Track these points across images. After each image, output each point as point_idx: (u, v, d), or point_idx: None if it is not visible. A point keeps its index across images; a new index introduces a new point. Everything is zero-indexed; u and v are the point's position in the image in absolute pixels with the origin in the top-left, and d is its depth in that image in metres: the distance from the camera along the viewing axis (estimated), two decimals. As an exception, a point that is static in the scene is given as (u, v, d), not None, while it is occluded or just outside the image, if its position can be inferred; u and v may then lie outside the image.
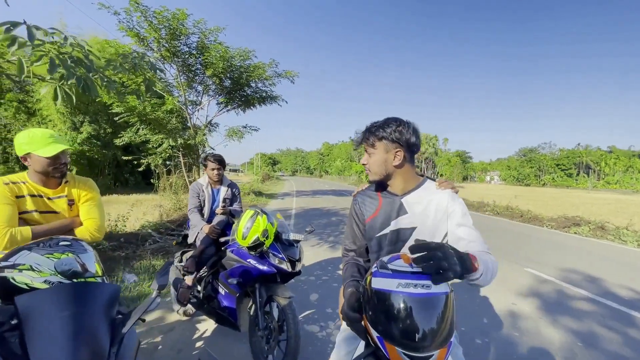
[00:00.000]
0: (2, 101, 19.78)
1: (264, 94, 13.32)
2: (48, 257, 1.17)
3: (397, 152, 1.24)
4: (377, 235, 1.32)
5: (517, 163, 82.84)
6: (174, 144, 12.00)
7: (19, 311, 0.99)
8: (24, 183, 1.63)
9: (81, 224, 1.75)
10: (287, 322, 2.10)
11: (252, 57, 12.01)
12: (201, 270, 2.83)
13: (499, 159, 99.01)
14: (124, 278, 3.84)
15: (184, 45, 10.96)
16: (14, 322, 1.00)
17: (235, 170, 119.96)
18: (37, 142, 1.58)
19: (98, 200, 1.84)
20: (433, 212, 1.24)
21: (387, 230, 1.30)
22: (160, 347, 2.60)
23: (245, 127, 13.64)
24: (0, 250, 1.47)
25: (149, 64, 3.87)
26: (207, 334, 2.81)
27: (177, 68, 11.64)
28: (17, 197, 1.58)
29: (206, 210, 2.94)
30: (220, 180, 3.02)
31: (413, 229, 1.26)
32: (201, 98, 13.45)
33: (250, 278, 2.32)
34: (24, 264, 1.12)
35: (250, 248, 2.26)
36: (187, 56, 11.31)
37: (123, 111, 11.26)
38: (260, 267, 2.28)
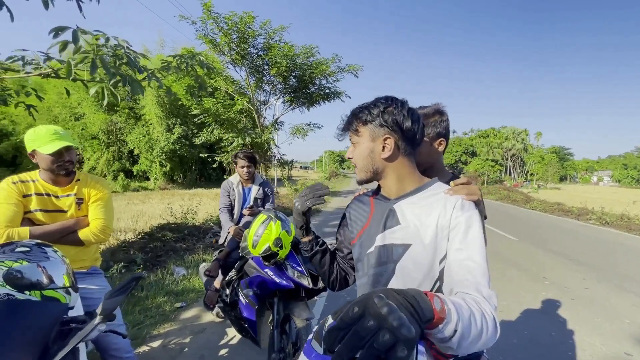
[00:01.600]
0: (117, 108, 23.65)
1: (327, 91, 13.20)
2: (-2, 265, 1.05)
3: (385, 139, 0.89)
4: (367, 252, 0.96)
5: (638, 160, 67.34)
6: (243, 142, 12.68)
7: None
8: (33, 181, 1.62)
9: (88, 225, 1.69)
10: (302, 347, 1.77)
11: (316, 54, 11.94)
12: (229, 274, 2.69)
13: (610, 156, 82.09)
14: (173, 271, 4.01)
15: (251, 47, 11.44)
16: None
17: (305, 168, 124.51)
18: (40, 139, 1.55)
19: (107, 201, 1.78)
20: (434, 226, 0.85)
21: (372, 248, 0.94)
22: (186, 349, 2.53)
23: (309, 125, 13.74)
24: None
25: (199, 62, 3.92)
26: (234, 341, 2.67)
27: (246, 70, 12.24)
28: (24, 196, 1.58)
29: (236, 210, 2.79)
30: (252, 179, 2.84)
31: (406, 246, 0.88)
32: (268, 97, 13.96)
33: (267, 290, 2.07)
34: (-29, 272, 1.02)
35: (264, 258, 1.99)
36: (254, 57, 11.80)
37: (200, 113, 12.33)
38: (277, 280, 2.00)
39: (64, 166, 1.61)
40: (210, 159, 15.16)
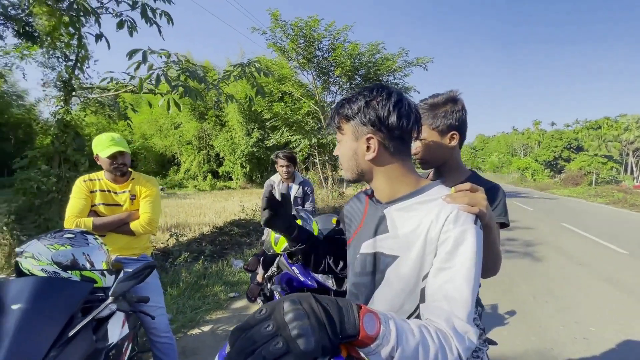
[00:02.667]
0: (206, 117, 26.88)
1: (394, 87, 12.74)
2: (48, 248, 1.28)
3: (368, 138, 0.77)
4: (356, 256, 0.87)
5: None
6: (309, 143, 13.10)
7: None
8: (98, 180, 1.94)
9: (139, 218, 1.95)
10: None
11: (381, 50, 11.64)
12: (271, 269, 2.80)
13: None
14: (232, 263, 4.36)
15: (317, 50, 11.74)
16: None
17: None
18: (101, 145, 1.85)
19: (154, 197, 2.02)
20: (423, 238, 0.72)
21: (358, 254, 0.85)
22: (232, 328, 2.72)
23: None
24: None
25: (256, 69, 4.19)
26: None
27: (312, 73, 12.61)
28: (91, 192, 1.90)
29: (277, 209, 2.89)
30: (292, 178, 2.91)
31: (394, 258, 0.77)
32: (335, 98, 14.12)
33: (293, 288, 2.09)
34: (29, 252, 1.27)
35: (289, 256, 2.01)
36: (320, 60, 12.08)
37: (271, 117, 13.17)
38: (302, 278, 2.01)
39: (119, 167, 1.89)
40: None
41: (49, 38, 4.05)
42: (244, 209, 8.36)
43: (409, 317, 0.74)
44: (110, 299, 1.17)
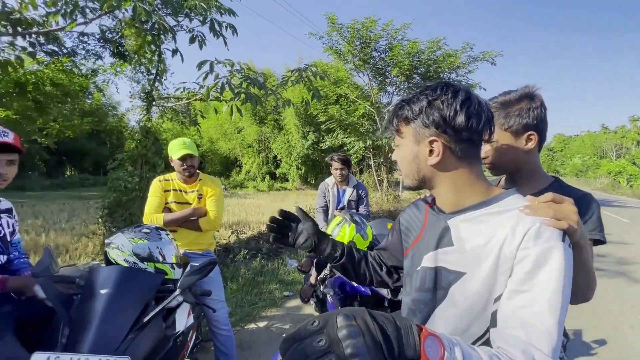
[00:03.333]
0: (265, 121, 28.34)
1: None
2: (130, 240, 1.45)
3: (432, 142, 0.70)
4: (416, 269, 0.81)
5: None
6: (364, 145, 12.96)
7: (87, 279, 1.27)
8: (171, 180, 2.15)
9: (203, 215, 2.11)
10: None
11: (443, 46, 11.03)
12: (324, 271, 2.81)
13: None
14: (287, 262, 4.47)
15: (373, 50, 11.58)
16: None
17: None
18: (173, 148, 2.04)
19: (219, 196, 2.17)
20: (496, 254, 0.64)
21: (419, 267, 0.79)
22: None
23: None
24: None
25: (313, 73, 4.28)
26: (326, 337, 2.76)
27: (368, 74, 12.47)
28: (165, 190, 2.11)
29: (331, 211, 2.89)
30: (346, 181, 2.88)
31: (459, 275, 0.69)
32: (391, 99, 13.77)
33: (346, 293, 2.06)
34: (115, 244, 1.44)
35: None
36: (377, 60, 11.89)
37: (326, 119, 13.34)
38: (355, 284, 1.96)
39: (187, 169, 2.06)
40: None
41: (136, 56, 4.65)
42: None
43: (475, 342, 0.67)
44: (178, 291, 1.28)
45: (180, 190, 2.14)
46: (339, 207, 2.87)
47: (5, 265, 1.43)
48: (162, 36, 4.18)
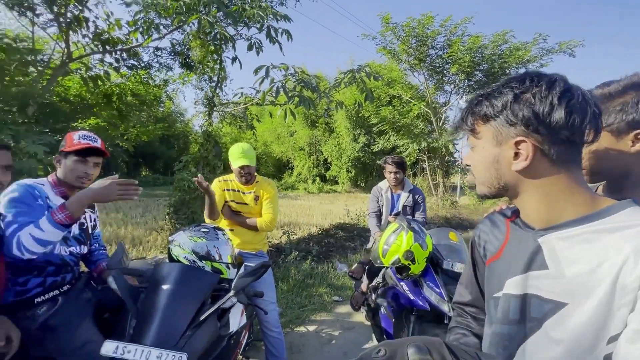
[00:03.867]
0: (317, 124, 28.80)
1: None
2: (190, 239, 1.51)
3: (518, 143, 0.59)
4: (493, 295, 0.69)
5: None
6: (418, 147, 12.40)
7: (152, 274, 1.35)
8: (230, 181, 2.23)
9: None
10: None
11: (510, 39, 10.09)
12: (376, 279, 2.69)
13: None
14: (336, 266, 4.40)
15: (430, 48, 11.04)
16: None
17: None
18: (232, 155, 2.11)
19: (273, 198, 2.21)
20: (609, 282, 0.51)
21: (500, 293, 0.66)
22: (334, 341, 2.74)
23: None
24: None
25: (366, 73, 4.20)
26: (377, 348, 2.64)
27: (424, 73, 11.92)
28: (224, 190, 2.20)
29: (384, 216, 2.76)
30: (401, 185, 2.73)
31: (559, 305, 0.56)
32: (449, 98, 13.01)
33: (401, 305, 1.92)
34: (177, 241, 1.52)
35: (397, 270, 1.86)
36: (434, 58, 11.32)
37: (378, 121, 13.05)
38: (412, 297, 1.82)
39: (244, 176, 2.11)
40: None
41: (200, 65, 5.02)
42: (349, 212, 8.46)
43: None
44: (232, 292, 1.29)
45: (238, 191, 2.21)
46: (393, 213, 2.72)
47: (87, 255, 1.59)
48: (223, 45, 4.45)
